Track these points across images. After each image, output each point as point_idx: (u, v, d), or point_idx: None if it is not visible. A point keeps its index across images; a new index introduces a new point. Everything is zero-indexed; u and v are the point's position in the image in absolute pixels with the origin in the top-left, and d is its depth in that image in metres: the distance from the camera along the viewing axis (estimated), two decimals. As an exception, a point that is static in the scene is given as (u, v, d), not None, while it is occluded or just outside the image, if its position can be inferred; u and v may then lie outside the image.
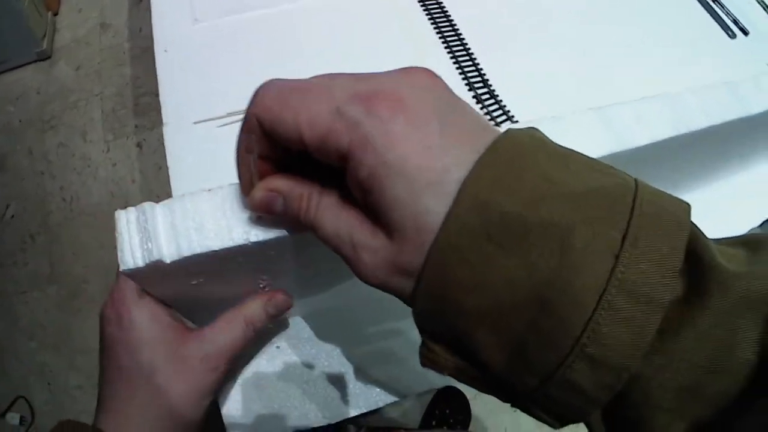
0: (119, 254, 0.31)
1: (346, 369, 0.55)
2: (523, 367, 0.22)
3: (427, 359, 0.26)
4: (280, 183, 0.28)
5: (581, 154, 0.24)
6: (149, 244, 0.31)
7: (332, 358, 0.55)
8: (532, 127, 0.25)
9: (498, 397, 0.25)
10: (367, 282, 0.26)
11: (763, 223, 0.72)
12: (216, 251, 0.31)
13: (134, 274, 0.31)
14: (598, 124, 0.40)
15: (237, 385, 0.52)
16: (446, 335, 0.24)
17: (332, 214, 0.27)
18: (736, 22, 0.84)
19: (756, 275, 0.21)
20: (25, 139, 1.80)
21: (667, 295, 0.20)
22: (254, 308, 0.40)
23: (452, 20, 0.76)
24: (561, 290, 0.20)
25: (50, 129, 1.81)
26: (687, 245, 0.21)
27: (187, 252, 0.31)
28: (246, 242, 0.31)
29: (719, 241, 0.24)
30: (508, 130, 0.24)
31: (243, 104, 0.27)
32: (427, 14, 0.77)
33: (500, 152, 0.23)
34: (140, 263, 0.31)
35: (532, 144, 0.23)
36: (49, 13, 1.99)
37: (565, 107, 0.42)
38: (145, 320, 0.38)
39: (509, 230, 0.21)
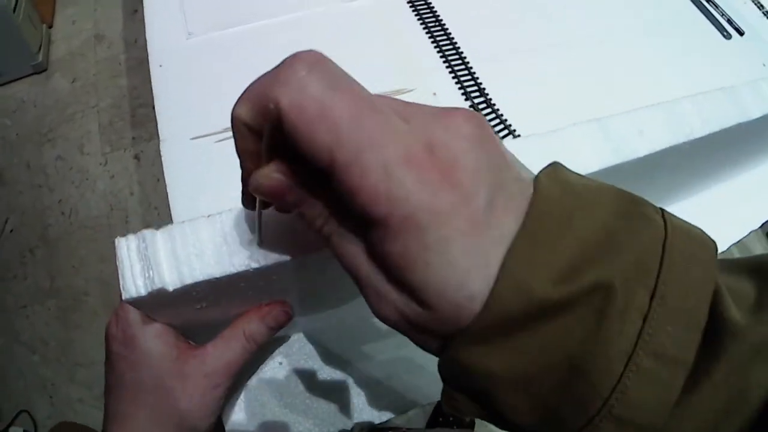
0: (121, 282, 0.31)
1: (349, 384, 0.55)
2: (551, 427, 0.22)
3: (450, 405, 0.25)
4: (293, 189, 0.24)
5: (606, 190, 0.23)
6: (151, 273, 0.31)
7: (334, 374, 0.55)
8: (556, 165, 0.24)
9: None
10: (383, 321, 0.24)
11: (764, 224, 0.72)
12: (218, 278, 0.31)
13: (137, 302, 0.31)
14: (599, 136, 0.40)
15: (240, 401, 0.52)
16: (470, 390, 0.23)
17: (351, 248, 0.24)
18: (731, 22, 0.84)
19: (765, 322, 0.21)
20: (23, 153, 1.80)
21: (692, 354, 0.20)
22: (254, 323, 0.40)
23: (449, 31, 0.76)
24: (593, 357, 0.20)
25: (47, 142, 1.81)
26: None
27: (189, 280, 0.31)
28: (248, 268, 0.31)
29: (729, 267, 0.24)
30: (539, 182, 0.23)
31: None
32: (423, 26, 0.77)
33: (536, 221, 0.21)
34: (142, 291, 0.31)
35: (561, 199, 0.22)
36: (44, 26, 1.99)
37: (562, 114, 0.42)
38: (149, 338, 0.38)
39: (548, 308, 0.20)
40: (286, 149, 0.22)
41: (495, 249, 0.21)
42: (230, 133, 0.32)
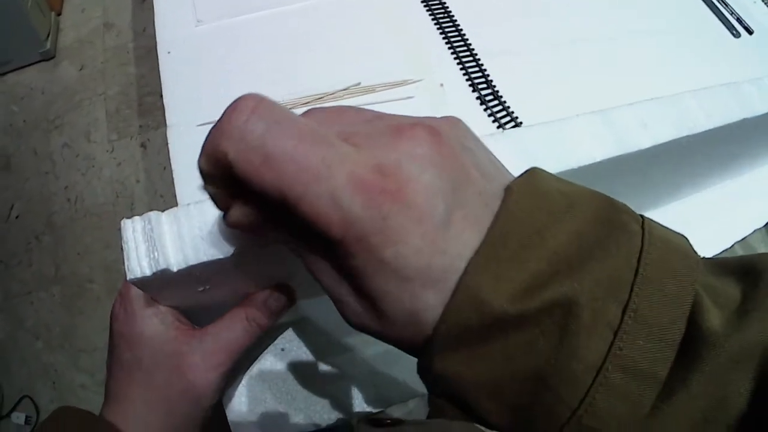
0: (126, 263, 0.31)
1: (351, 370, 0.55)
2: (526, 429, 0.22)
3: (436, 409, 0.25)
4: (252, 217, 0.25)
5: (586, 197, 0.23)
6: (155, 253, 0.31)
7: (337, 360, 0.55)
8: (534, 172, 0.24)
9: None
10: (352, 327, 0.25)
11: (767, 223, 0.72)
12: (222, 259, 0.31)
13: (141, 282, 0.31)
14: (602, 127, 0.40)
15: (242, 387, 0.52)
16: (448, 394, 0.24)
17: (319, 263, 0.24)
18: (740, 20, 0.83)
19: (745, 331, 0.21)
20: (30, 140, 1.80)
21: (665, 369, 0.20)
22: (256, 306, 0.40)
23: (457, 23, 0.76)
24: (559, 370, 0.20)
25: (54, 129, 1.81)
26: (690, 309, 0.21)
27: (193, 260, 0.31)
28: (251, 249, 0.31)
29: (719, 267, 0.24)
30: (511, 193, 0.23)
31: None
32: (431, 16, 0.77)
33: (498, 236, 0.21)
34: (147, 272, 0.31)
35: (531, 212, 0.22)
36: (53, 13, 1.99)
37: (569, 109, 0.42)
38: (149, 317, 0.38)
39: (511, 323, 0.21)
40: (244, 188, 0.23)
41: (452, 264, 0.21)
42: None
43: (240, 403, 0.52)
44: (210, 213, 0.32)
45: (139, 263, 0.31)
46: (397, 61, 0.71)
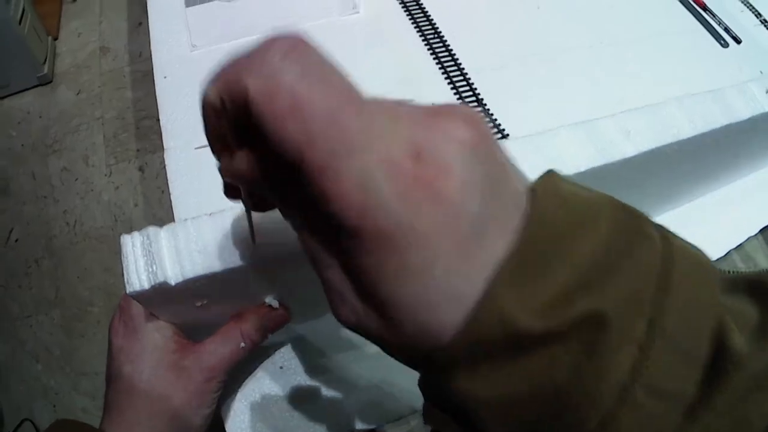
0: (125, 276, 0.32)
1: (350, 387, 0.55)
2: None
3: (431, 420, 0.23)
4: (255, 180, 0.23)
5: (603, 202, 0.21)
6: (154, 267, 0.32)
7: (336, 377, 0.56)
8: (551, 175, 0.22)
9: None
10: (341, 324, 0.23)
11: (763, 229, 0.72)
12: (218, 273, 0.32)
13: (140, 296, 0.32)
14: (585, 137, 0.40)
15: (241, 406, 0.53)
16: (452, 409, 0.22)
17: (319, 248, 0.22)
18: (727, 30, 0.84)
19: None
20: (28, 164, 1.81)
21: (691, 388, 0.19)
22: (251, 322, 0.41)
23: (445, 40, 0.77)
24: (583, 388, 0.19)
25: (53, 153, 1.82)
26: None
27: (191, 274, 0.32)
28: (248, 263, 0.32)
29: (727, 287, 0.23)
30: (534, 198, 0.20)
31: None
32: (421, 37, 0.78)
33: (527, 244, 0.19)
34: (146, 285, 0.31)
35: (557, 216, 0.20)
36: (50, 38, 2.01)
37: (558, 121, 0.43)
38: (149, 331, 0.39)
39: (535, 342, 0.19)
40: (257, 136, 0.20)
41: (480, 273, 0.19)
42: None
43: (240, 421, 0.52)
44: (206, 228, 0.33)
45: (138, 277, 0.31)
46: (389, 82, 0.72)
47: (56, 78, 1.98)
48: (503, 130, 0.69)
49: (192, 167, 0.63)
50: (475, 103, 0.71)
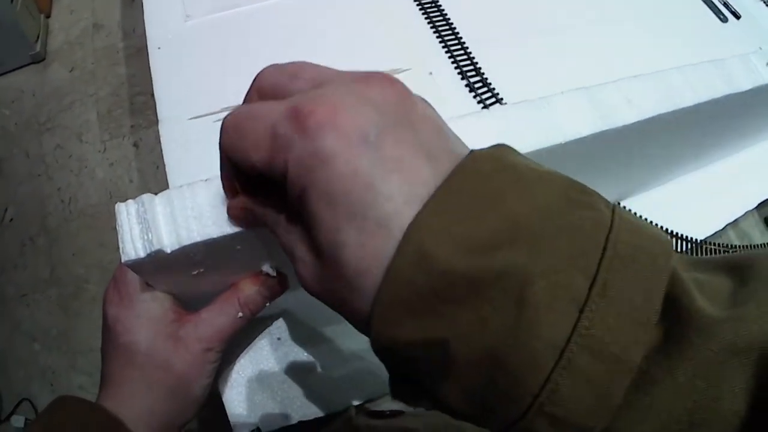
0: (120, 245, 0.31)
1: (348, 358, 0.56)
2: (486, 416, 0.20)
3: (396, 393, 0.24)
4: (247, 202, 0.28)
5: (556, 176, 0.22)
6: (149, 235, 0.31)
7: (333, 348, 0.56)
8: (501, 145, 0.23)
9: None
10: (306, 291, 0.25)
11: (759, 205, 0.72)
12: (215, 239, 0.31)
13: (136, 264, 0.32)
14: (587, 103, 0.40)
15: (238, 377, 0.53)
16: (406, 377, 0.23)
17: (284, 229, 0.25)
18: (726, 5, 0.84)
19: (743, 318, 0.19)
20: (22, 142, 1.79)
21: (638, 353, 0.19)
22: (249, 291, 0.40)
23: (444, 12, 0.76)
24: (516, 349, 0.18)
25: (46, 131, 1.81)
26: (666, 288, 0.19)
27: (187, 241, 0.31)
28: (244, 229, 0.32)
29: (703, 264, 0.23)
30: (472, 154, 0.22)
31: (238, 99, 0.27)
32: (419, 7, 0.77)
33: (455, 190, 0.20)
34: (141, 254, 0.31)
35: (497, 173, 0.21)
36: (42, 16, 1.98)
37: (557, 90, 0.42)
38: (145, 301, 0.39)
39: (458, 285, 0.19)
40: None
41: (379, 206, 0.20)
42: (227, 113, 0.32)
43: (238, 393, 0.52)
44: (202, 194, 0.33)
45: (133, 245, 0.31)
46: (386, 51, 0.72)
47: (49, 56, 1.96)
48: (501, 98, 0.69)
49: (186, 137, 0.63)
50: (473, 72, 0.70)
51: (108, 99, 1.85)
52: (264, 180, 0.24)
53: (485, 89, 0.69)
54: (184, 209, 0.32)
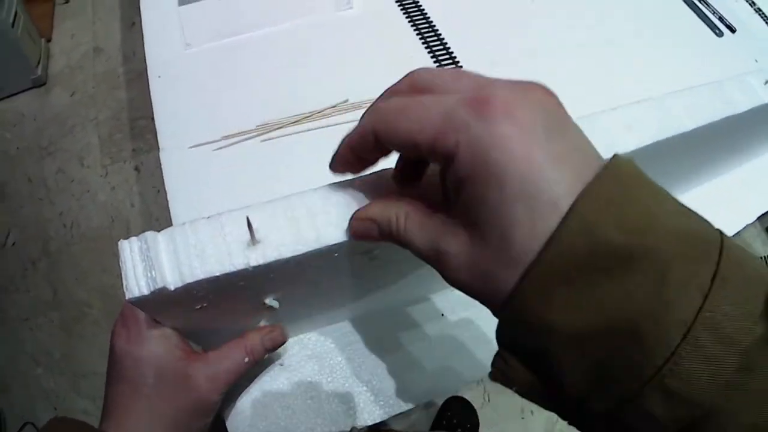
0: (124, 283, 0.31)
1: (350, 383, 0.56)
2: (601, 390, 0.22)
3: (499, 371, 0.26)
4: (372, 211, 0.30)
5: (668, 192, 0.24)
6: (153, 272, 0.31)
7: (335, 373, 0.56)
8: (632, 158, 0.25)
9: (560, 416, 0.26)
10: (452, 285, 0.27)
11: (761, 217, 0.73)
12: (218, 276, 0.32)
13: (140, 302, 0.32)
14: (587, 132, 0.40)
15: (243, 404, 0.53)
16: (527, 350, 0.25)
17: (417, 227, 0.28)
18: (722, 19, 0.85)
19: None
20: (24, 166, 1.81)
21: (748, 337, 0.21)
22: (254, 340, 0.43)
23: (442, 38, 0.77)
24: (652, 320, 0.21)
25: (48, 155, 1.82)
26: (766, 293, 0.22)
27: (189, 278, 0.31)
28: (246, 266, 0.32)
29: None
30: (615, 158, 0.24)
31: (237, 126, 0.28)
32: (416, 32, 0.78)
33: (608, 181, 0.23)
34: (145, 291, 0.31)
35: (636, 177, 0.24)
36: (43, 40, 2.00)
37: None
38: (154, 337, 0.39)
39: (614, 257, 0.21)
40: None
41: (550, 189, 0.23)
42: (227, 141, 0.33)
43: (242, 419, 0.52)
44: (204, 231, 0.33)
45: (137, 283, 0.31)
46: (384, 78, 0.72)
47: (50, 80, 1.98)
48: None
49: (188, 166, 0.63)
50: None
51: (109, 123, 1.87)
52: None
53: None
54: (187, 247, 0.32)
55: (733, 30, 0.84)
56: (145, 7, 0.78)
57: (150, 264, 0.32)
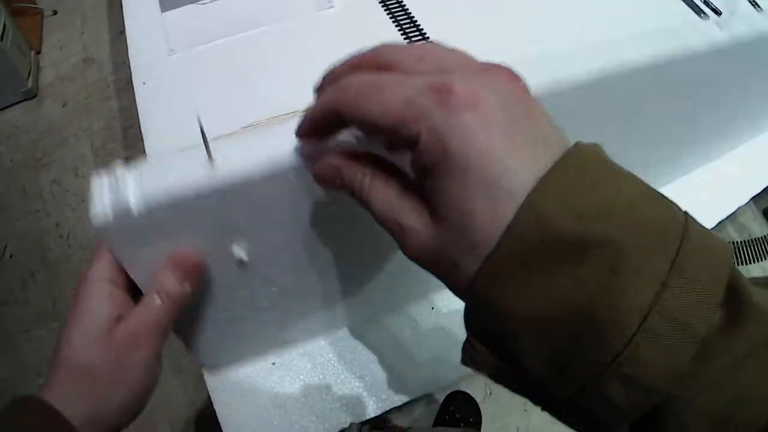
0: (90, 212, 0.32)
1: (343, 379, 0.56)
2: (561, 376, 0.23)
3: (469, 357, 0.27)
4: (341, 161, 0.30)
5: (636, 177, 0.25)
6: (119, 199, 0.32)
7: (327, 370, 0.56)
8: (596, 144, 0.26)
9: (531, 400, 0.27)
10: (410, 259, 0.27)
11: (755, 197, 0.73)
12: (180, 199, 0.32)
13: (106, 230, 0.32)
14: (535, 62, 0.41)
15: (236, 403, 0.53)
16: (491, 336, 0.25)
17: (381, 194, 0.28)
18: (707, 2, 0.84)
19: None
20: (18, 179, 1.81)
21: (705, 326, 0.21)
22: (163, 277, 0.37)
23: (423, 32, 0.77)
24: (606, 308, 0.21)
25: (42, 167, 1.82)
26: (728, 281, 0.22)
27: (153, 201, 0.32)
28: (208, 182, 0.33)
29: (752, 281, 0.25)
30: (577, 146, 0.25)
31: (223, 129, 0.28)
32: (398, 27, 0.78)
33: (565, 170, 0.23)
34: (110, 215, 0.32)
35: (597, 164, 0.24)
36: (32, 52, 2.01)
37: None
38: (93, 294, 0.37)
39: (565, 245, 0.22)
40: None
41: (507, 179, 0.23)
42: (214, 144, 0.33)
43: (235, 422, 0.52)
44: (174, 162, 0.34)
45: (103, 208, 0.32)
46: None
47: (41, 91, 1.98)
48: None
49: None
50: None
51: (101, 132, 1.87)
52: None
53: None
54: (152, 178, 0.33)
55: (718, 13, 0.84)
56: (127, 15, 0.78)
57: (117, 192, 0.32)
